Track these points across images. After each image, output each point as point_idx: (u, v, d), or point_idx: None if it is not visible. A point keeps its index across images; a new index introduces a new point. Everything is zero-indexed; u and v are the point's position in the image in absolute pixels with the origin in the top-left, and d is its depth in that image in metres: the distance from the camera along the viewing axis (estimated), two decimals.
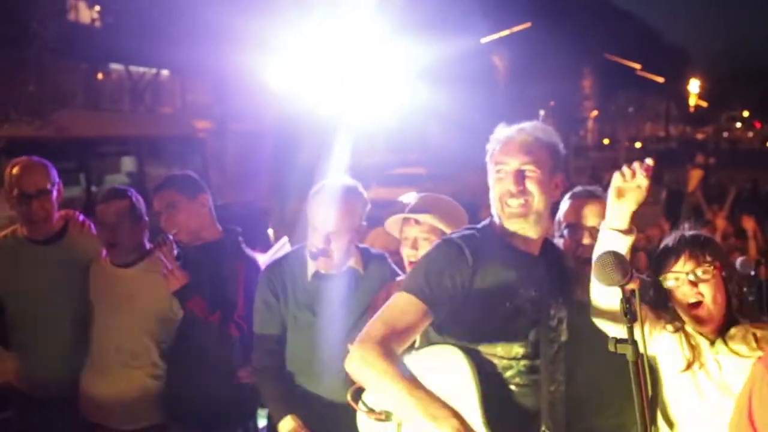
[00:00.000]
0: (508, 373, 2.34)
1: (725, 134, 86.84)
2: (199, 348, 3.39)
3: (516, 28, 33.59)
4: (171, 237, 3.31)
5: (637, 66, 49.58)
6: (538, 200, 2.39)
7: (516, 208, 2.38)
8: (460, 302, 2.28)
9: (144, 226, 3.52)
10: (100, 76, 24.56)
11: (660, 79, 55.61)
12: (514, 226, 2.40)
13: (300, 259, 3.04)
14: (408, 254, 2.92)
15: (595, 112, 55.85)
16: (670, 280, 2.48)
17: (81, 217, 3.75)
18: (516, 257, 2.40)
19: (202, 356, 3.38)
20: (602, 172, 23.51)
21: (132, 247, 3.47)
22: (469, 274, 2.28)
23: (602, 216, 2.41)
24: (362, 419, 2.41)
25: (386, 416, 2.29)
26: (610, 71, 48.28)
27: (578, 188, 2.93)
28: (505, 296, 2.33)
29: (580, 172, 28.74)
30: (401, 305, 2.24)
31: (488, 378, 2.27)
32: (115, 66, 25.00)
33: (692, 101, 78.52)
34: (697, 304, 2.45)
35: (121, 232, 3.41)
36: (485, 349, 2.33)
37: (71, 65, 20.74)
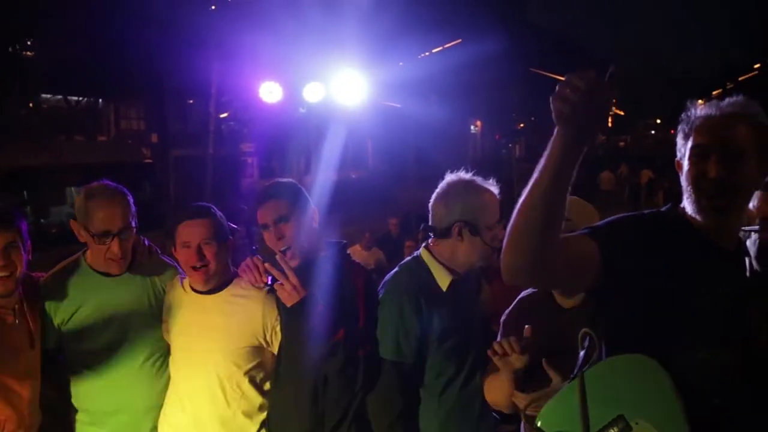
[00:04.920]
0: (708, 387, 1.97)
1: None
2: (317, 377, 2.97)
3: (447, 45, 34.11)
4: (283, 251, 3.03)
5: (562, 78, 50.85)
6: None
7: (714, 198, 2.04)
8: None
9: (230, 246, 3.18)
10: (31, 105, 23.87)
11: None
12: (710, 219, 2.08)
13: None
14: None
15: (521, 125, 57.02)
16: None
17: (146, 241, 3.37)
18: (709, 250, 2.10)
19: (324, 387, 2.97)
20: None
21: (219, 270, 3.09)
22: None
23: None
24: None
25: None
26: (537, 84, 49.45)
27: None
28: (698, 293, 2.02)
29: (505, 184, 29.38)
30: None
31: (689, 391, 1.92)
32: (50, 95, 24.32)
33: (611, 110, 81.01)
34: None
35: (207, 254, 3.04)
36: (682, 356, 1.98)
37: (4, 95, 20.12)
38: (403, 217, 12.16)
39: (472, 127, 52.22)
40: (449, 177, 3.02)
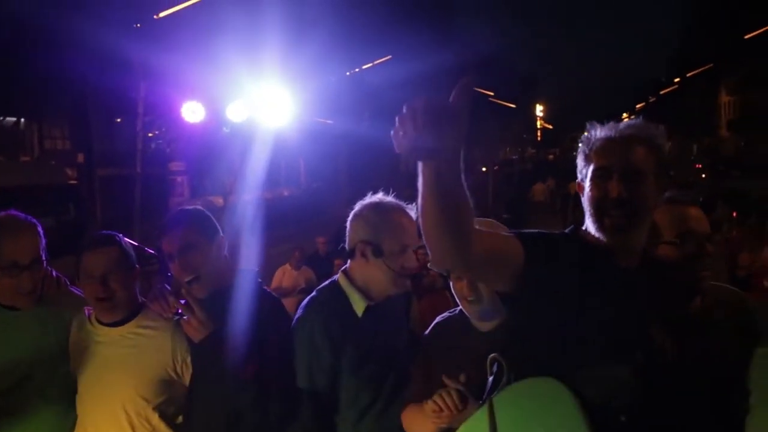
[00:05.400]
0: (615, 404, 1.99)
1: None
2: (230, 413, 2.88)
3: (378, 61, 34.35)
4: (189, 282, 2.93)
5: (490, 93, 51.77)
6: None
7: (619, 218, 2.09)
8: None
9: (136, 276, 3.04)
10: None
11: (512, 105, 58.40)
12: (613, 238, 2.12)
13: None
14: None
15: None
16: None
17: (54, 272, 3.25)
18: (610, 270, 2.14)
19: (237, 423, 2.87)
20: None
21: (126, 301, 2.97)
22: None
23: (703, 221, 2.39)
24: None
25: None
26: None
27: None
28: (602, 312, 2.05)
29: None
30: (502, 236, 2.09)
31: (596, 410, 1.94)
32: None
33: (538, 124, 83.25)
34: None
35: (112, 285, 2.90)
36: (585, 375, 2.00)
37: None
38: (332, 235, 12.14)
39: None
40: (367, 198, 2.97)
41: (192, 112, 10.75)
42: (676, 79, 56.82)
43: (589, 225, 2.16)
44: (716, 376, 2.08)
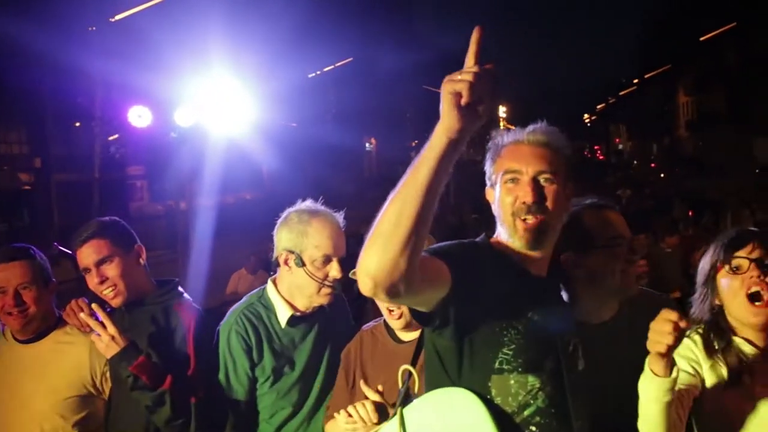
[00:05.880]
0: (527, 412, 1.97)
1: None
2: (148, 427, 2.82)
3: (339, 63, 34.30)
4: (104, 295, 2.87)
5: None
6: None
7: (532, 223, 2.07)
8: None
9: (52, 290, 2.96)
10: None
11: None
12: (527, 244, 2.09)
13: None
14: None
15: (416, 142, 57.82)
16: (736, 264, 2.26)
17: None
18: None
19: None
20: None
21: (40, 315, 2.87)
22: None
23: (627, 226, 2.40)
24: None
25: None
26: (430, 101, 50.33)
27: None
28: (515, 321, 2.02)
29: None
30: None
31: (504, 420, 1.94)
32: None
33: (501, 125, 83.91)
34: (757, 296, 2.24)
35: (25, 299, 2.82)
36: (497, 384, 1.98)
37: None
38: None
39: (367, 145, 52.55)
40: (296, 205, 2.90)
41: (138, 117, 10.62)
42: (635, 80, 57.59)
43: (501, 232, 2.13)
44: (630, 383, 2.04)
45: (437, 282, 1.88)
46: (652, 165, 50.99)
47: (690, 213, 16.82)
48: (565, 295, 2.26)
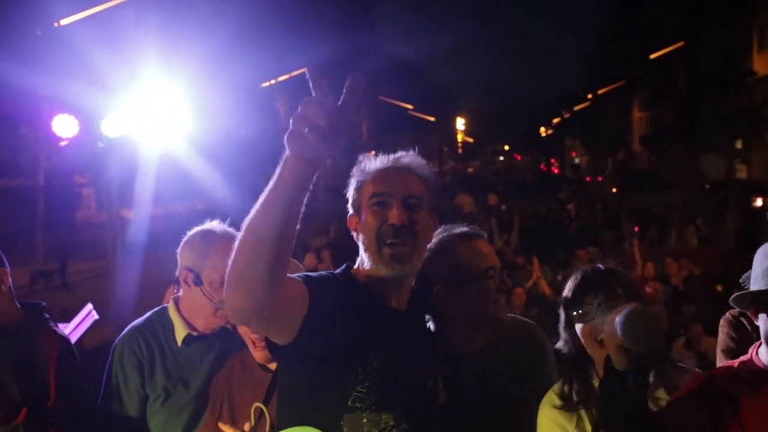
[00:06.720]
0: None
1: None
2: None
3: (294, 73, 34.11)
4: None
5: (410, 107, 52.22)
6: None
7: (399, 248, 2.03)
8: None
9: None
10: None
11: (431, 119, 59.08)
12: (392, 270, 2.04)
13: None
14: None
15: (372, 153, 57.88)
16: None
17: None
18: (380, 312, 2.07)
19: None
20: None
21: None
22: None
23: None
24: None
25: None
26: (386, 112, 50.36)
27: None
28: (366, 356, 1.97)
29: None
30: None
31: None
32: None
33: (459, 138, 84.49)
34: None
35: None
36: (349, 423, 1.92)
37: None
38: None
39: None
40: (202, 225, 2.86)
41: (64, 126, 10.46)
42: (589, 96, 58.42)
43: (365, 259, 2.07)
44: (498, 411, 2.05)
45: (295, 310, 1.85)
46: (599, 178, 52.00)
47: (636, 228, 17.13)
48: (432, 326, 2.22)
